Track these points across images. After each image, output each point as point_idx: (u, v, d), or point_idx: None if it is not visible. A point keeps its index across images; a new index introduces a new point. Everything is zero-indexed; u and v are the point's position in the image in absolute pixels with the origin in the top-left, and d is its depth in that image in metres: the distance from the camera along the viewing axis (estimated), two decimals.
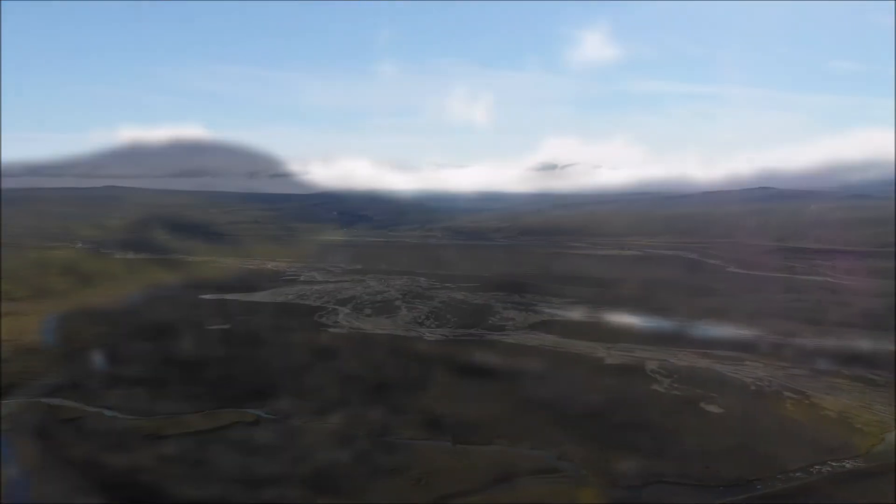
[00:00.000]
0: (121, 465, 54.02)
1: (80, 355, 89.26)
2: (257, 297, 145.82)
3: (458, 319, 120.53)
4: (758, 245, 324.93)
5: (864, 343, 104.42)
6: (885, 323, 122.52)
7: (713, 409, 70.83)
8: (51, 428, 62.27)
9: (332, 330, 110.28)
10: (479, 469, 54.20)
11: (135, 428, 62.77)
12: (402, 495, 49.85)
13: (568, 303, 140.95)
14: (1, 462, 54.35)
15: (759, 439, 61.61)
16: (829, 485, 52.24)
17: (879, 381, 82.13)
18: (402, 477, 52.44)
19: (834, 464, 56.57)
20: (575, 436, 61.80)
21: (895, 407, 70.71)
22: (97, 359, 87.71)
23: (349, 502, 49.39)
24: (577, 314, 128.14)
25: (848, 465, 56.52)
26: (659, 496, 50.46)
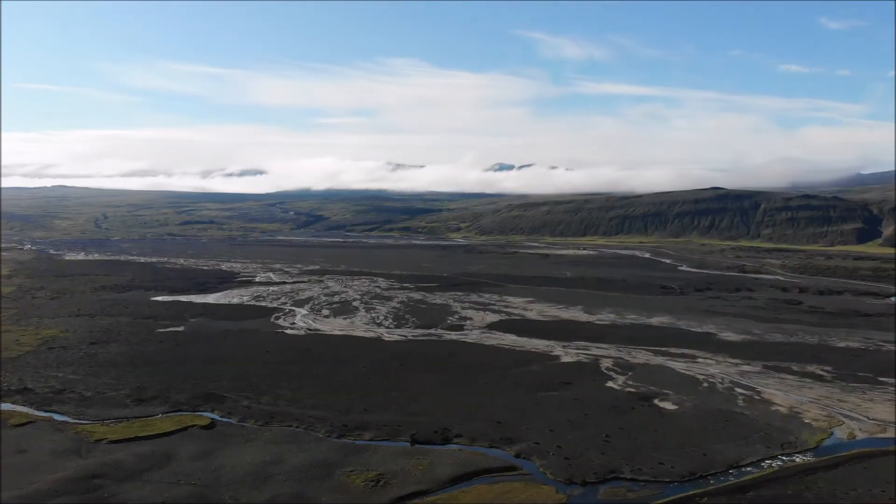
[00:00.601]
0: (73, 471, 52.58)
1: (28, 360, 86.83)
2: (211, 298, 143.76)
3: (417, 320, 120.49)
4: (709, 244, 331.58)
5: (812, 339, 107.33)
6: (832, 321, 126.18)
7: (667, 405, 71.96)
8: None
9: (288, 331, 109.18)
10: (437, 469, 54.20)
11: (88, 432, 61.19)
12: (360, 496, 49.55)
13: (526, 302, 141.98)
14: None
15: (711, 435, 62.78)
16: (780, 479, 53.42)
17: (828, 377, 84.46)
18: (360, 478, 52.12)
19: (784, 458, 57.86)
20: (529, 433, 62.18)
21: None
22: (46, 363, 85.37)
23: (305, 502, 48.91)
24: (534, 313, 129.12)
25: (798, 459, 57.86)
26: (614, 492, 51.00)
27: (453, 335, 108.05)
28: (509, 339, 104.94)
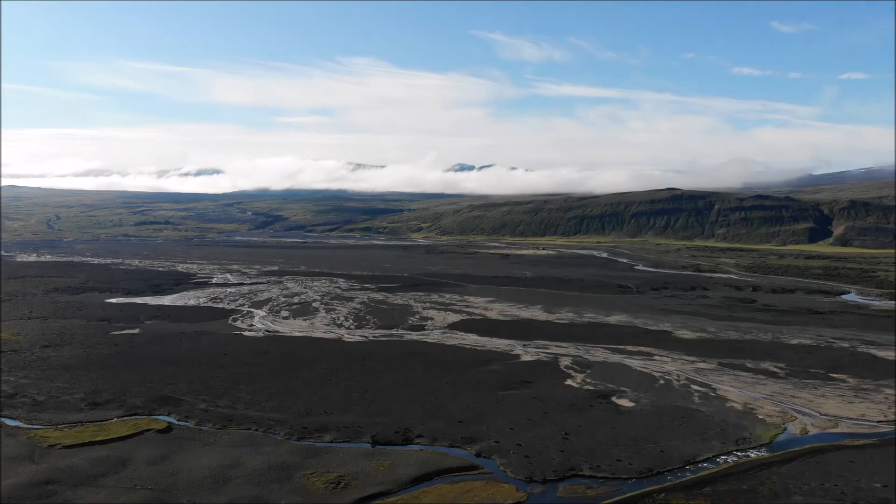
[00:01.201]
0: (25, 477, 51.25)
1: None
2: (167, 300, 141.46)
3: (378, 320, 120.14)
4: (665, 244, 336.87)
5: (766, 337, 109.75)
6: (785, 318, 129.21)
7: (624, 402, 72.93)
8: None
9: (247, 333, 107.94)
10: (398, 469, 54.12)
11: (41, 437, 59.70)
12: (321, 499, 49.23)
13: (487, 302, 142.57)
14: None
15: (667, 431, 63.80)
16: (735, 474, 54.51)
17: (781, 373, 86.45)
18: (321, 480, 51.79)
19: (739, 454, 59.03)
20: (490, 432, 62.47)
21: None
22: None
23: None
24: (495, 313, 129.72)
25: (752, 454, 59.08)
26: (574, 490, 51.53)
27: (414, 335, 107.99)
28: (470, 339, 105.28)
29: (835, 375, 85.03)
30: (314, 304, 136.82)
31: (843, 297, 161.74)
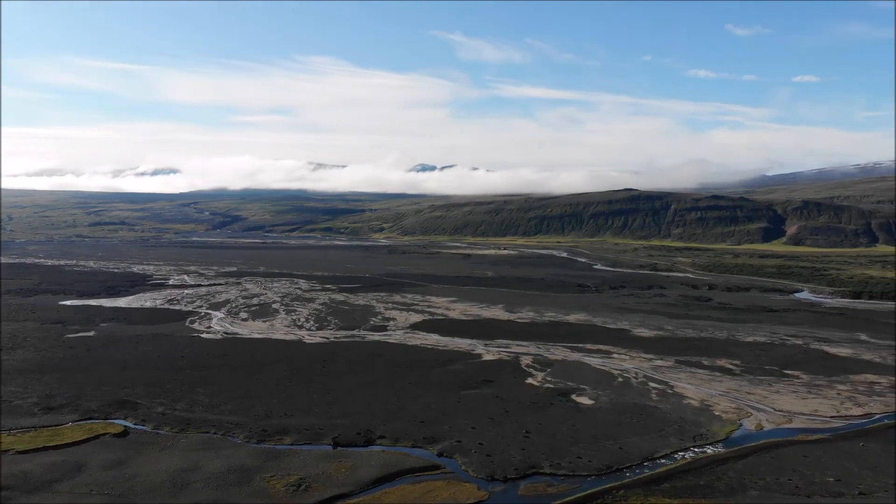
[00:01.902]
0: None
1: None
2: (122, 302, 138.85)
3: (340, 321, 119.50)
4: (623, 243, 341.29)
5: (721, 334, 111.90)
6: (740, 316, 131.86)
7: (584, 400, 73.73)
8: None
9: (204, 335, 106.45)
10: (360, 471, 53.93)
11: None
12: (282, 501, 48.83)
13: (449, 302, 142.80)
14: None
15: (626, 428, 64.67)
16: (692, 470, 55.48)
17: (736, 370, 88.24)
18: (281, 483, 51.37)
19: (696, 450, 60.06)
20: (452, 431, 62.62)
21: None
22: None
23: None
24: (456, 313, 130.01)
25: (709, 450, 60.16)
26: (534, 488, 51.94)
27: (376, 336, 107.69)
28: (432, 339, 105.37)
29: (788, 372, 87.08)
30: (274, 306, 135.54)
31: (797, 295, 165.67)
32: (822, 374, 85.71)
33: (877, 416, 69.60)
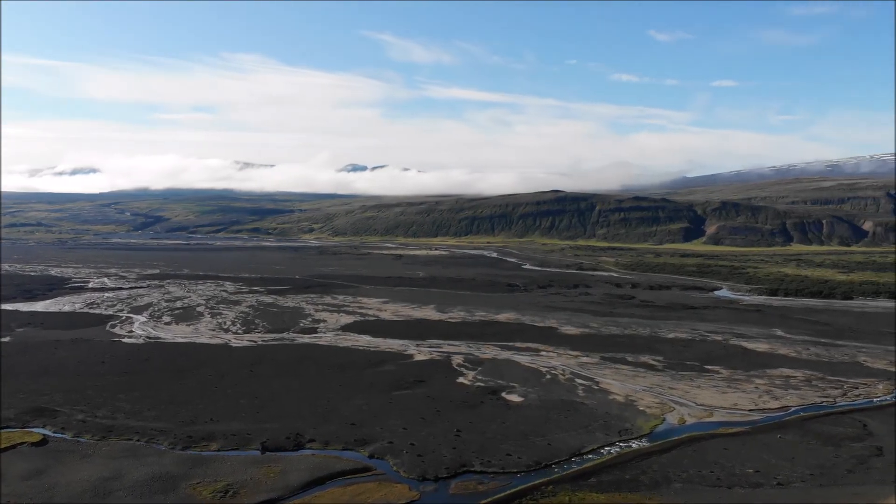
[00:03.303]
0: None
1: None
2: (40, 306, 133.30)
3: (268, 324, 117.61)
4: (550, 244, 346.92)
5: (645, 332, 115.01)
6: (662, 313, 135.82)
7: (513, 397, 74.70)
8: None
9: (126, 340, 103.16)
10: (289, 475, 53.26)
11: None
12: None
13: (380, 302, 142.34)
14: None
15: (554, 425, 65.82)
16: (618, 464, 56.87)
17: (659, 366, 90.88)
18: (208, 489, 50.29)
19: (622, 444, 61.56)
20: (384, 433, 62.52)
21: None
22: None
23: None
24: (388, 313, 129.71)
25: (634, 444, 61.75)
26: (465, 486, 52.33)
27: (306, 338, 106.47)
28: (364, 340, 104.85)
29: (709, 367, 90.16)
30: (199, 309, 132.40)
31: (716, 293, 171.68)
32: (740, 369, 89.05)
33: (793, 409, 72.73)
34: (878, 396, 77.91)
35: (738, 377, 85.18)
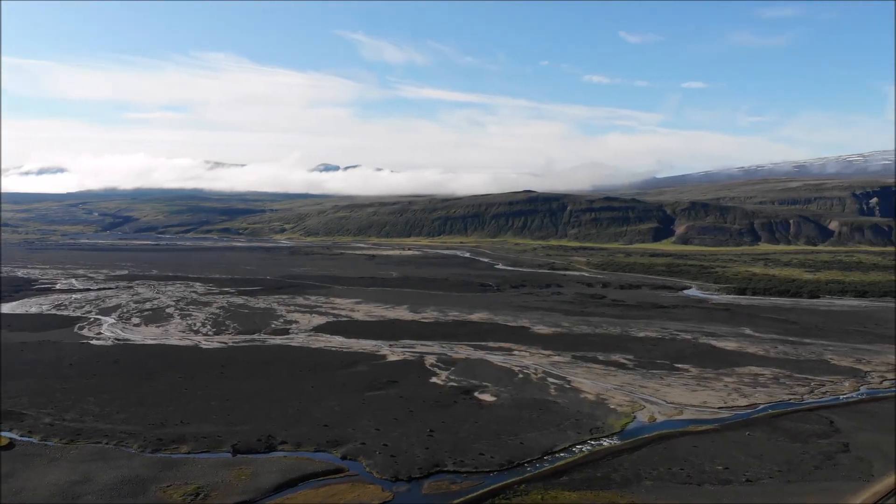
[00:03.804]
0: None
1: None
2: (6, 308, 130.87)
3: (239, 325, 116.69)
4: (523, 243, 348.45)
5: (615, 330, 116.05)
6: (632, 312, 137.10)
7: (486, 397, 74.97)
8: None
9: (94, 342, 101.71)
10: (261, 478, 52.95)
11: None
12: None
13: (353, 303, 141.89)
14: None
15: (526, 424, 66.19)
16: (590, 462, 57.35)
17: (630, 365, 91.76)
18: (178, 492, 49.81)
19: (593, 443, 62.09)
20: (356, 434, 62.39)
21: None
22: None
23: None
24: (361, 314, 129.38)
25: (605, 443, 62.33)
26: (438, 486, 52.44)
27: (278, 340, 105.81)
28: (337, 341, 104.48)
29: (679, 366, 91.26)
30: (168, 310, 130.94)
31: (685, 292, 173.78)
32: (710, 367, 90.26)
33: (761, 406, 73.97)
34: (845, 393, 79.56)
35: (707, 375, 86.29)
